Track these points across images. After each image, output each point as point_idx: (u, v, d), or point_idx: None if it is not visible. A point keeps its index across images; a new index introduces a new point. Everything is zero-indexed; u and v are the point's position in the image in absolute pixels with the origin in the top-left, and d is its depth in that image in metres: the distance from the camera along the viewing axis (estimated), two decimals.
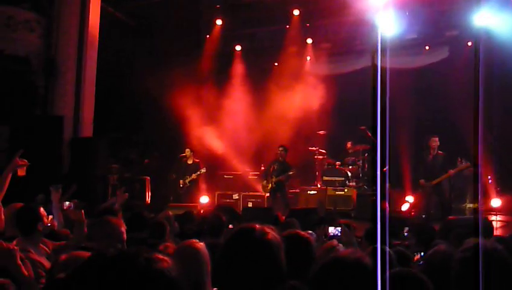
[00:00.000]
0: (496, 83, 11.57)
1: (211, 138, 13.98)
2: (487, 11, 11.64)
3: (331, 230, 5.66)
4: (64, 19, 11.18)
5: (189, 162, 12.89)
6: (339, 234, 5.31)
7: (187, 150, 12.93)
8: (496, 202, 11.45)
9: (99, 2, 11.73)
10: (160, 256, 1.55)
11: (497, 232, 8.49)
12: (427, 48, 14.03)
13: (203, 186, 13.19)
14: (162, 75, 12.84)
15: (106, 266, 1.53)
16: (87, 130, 11.23)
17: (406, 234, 6.10)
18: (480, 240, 2.45)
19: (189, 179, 12.61)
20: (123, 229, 3.96)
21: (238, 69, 15.19)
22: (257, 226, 2.25)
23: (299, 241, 3.09)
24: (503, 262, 2.40)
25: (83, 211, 4.53)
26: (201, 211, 11.45)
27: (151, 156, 14.34)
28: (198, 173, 12.67)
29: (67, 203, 5.61)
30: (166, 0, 13.01)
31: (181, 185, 12.67)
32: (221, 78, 14.73)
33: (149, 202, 12.58)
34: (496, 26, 11.42)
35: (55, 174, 10.22)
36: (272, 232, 2.24)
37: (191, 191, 12.71)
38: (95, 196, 10.05)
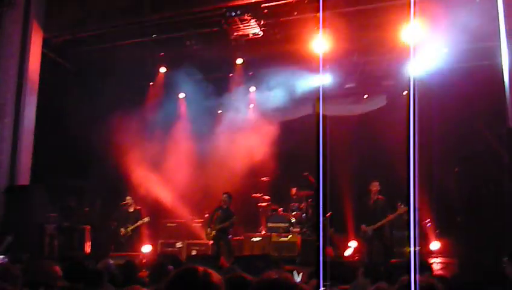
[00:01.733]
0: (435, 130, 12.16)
1: (154, 185, 13.78)
2: (420, 61, 12.30)
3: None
4: (3, 64, 10.91)
5: (131, 209, 12.60)
6: None
7: (128, 197, 12.67)
8: (435, 245, 11.78)
9: (40, 47, 11.55)
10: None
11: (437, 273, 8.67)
12: (365, 96, 14.56)
13: (145, 234, 12.88)
14: (104, 121, 12.67)
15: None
16: (24, 177, 10.82)
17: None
18: (416, 276, 2.51)
19: (131, 228, 12.30)
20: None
21: (182, 115, 15.20)
22: (200, 268, 2.22)
23: (243, 284, 3.05)
24: None
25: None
26: (144, 260, 11.16)
27: (92, 204, 13.94)
28: (141, 221, 12.38)
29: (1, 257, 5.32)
30: (111, 46, 12.96)
31: (122, 234, 12.32)
32: (164, 125, 14.66)
33: (89, 251, 12.14)
34: (429, 76, 12.05)
35: None
36: (215, 274, 2.22)
37: (133, 240, 12.38)
38: (31, 246, 9.62)
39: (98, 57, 13.74)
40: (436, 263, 10.98)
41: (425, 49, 11.84)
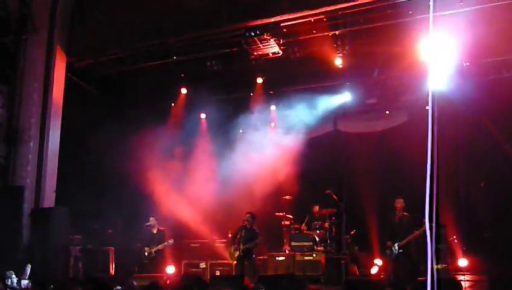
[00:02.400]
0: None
1: (176, 206, 13.81)
2: (441, 75, 12.21)
3: None
4: (27, 88, 11.15)
5: (154, 231, 12.61)
6: None
7: (151, 218, 12.68)
8: (463, 262, 11.55)
9: (64, 71, 11.78)
10: None
11: None
12: (387, 112, 14.46)
13: (169, 255, 12.86)
14: (127, 142, 12.80)
15: None
16: (49, 199, 10.96)
17: None
18: None
19: (155, 249, 12.29)
20: None
21: (203, 135, 15.27)
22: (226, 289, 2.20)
23: None
24: None
25: None
26: (168, 282, 11.13)
27: (114, 225, 14.00)
28: (166, 243, 12.37)
29: (25, 282, 5.36)
30: (132, 69, 13.14)
31: (146, 255, 12.32)
32: (186, 145, 14.74)
33: (113, 273, 12.17)
34: (450, 90, 11.96)
35: (13, 246, 9.89)
36: None
37: (157, 261, 12.36)
38: (56, 268, 9.70)
39: (120, 80, 13.94)
40: (465, 281, 10.76)
41: (445, 63, 11.76)
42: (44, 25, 11.55)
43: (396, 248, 10.81)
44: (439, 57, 11.06)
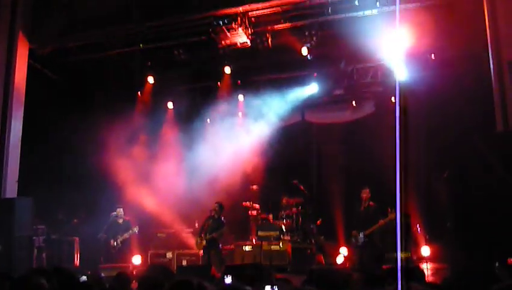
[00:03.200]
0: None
1: (143, 196, 13.69)
2: (407, 68, 12.41)
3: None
4: None
5: (120, 221, 12.51)
6: None
7: (118, 209, 12.57)
8: (425, 250, 11.80)
9: (26, 58, 11.48)
10: None
11: (428, 279, 8.68)
12: (353, 103, 14.60)
13: (135, 245, 12.76)
14: (92, 132, 12.59)
15: None
16: (11, 190, 10.71)
17: None
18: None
19: (120, 239, 12.20)
20: None
21: (171, 125, 15.14)
22: (194, 280, 2.19)
23: None
24: None
25: None
26: (134, 272, 11.05)
27: (79, 215, 13.79)
28: (130, 231, 12.30)
29: None
30: (98, 57, 12.89)
31: (113, 245, 12.21)
32: (153, 135, 14.61)
33: (78, 263, 12.01)
34: (416, 82, 12.17)
35: None
36: (209, 286, 2.19)
37: (123, 251, 12.27)
38: (19, 259, 9.51)
39: (85, 68, 13.67)
40: (428, 269, 11.01)
41: (411, 56, 11.94)
42: (6, 9, 11.21)
43: (362, 236, 10.96)
44: (405, 49, 11.26)
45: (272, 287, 5.35)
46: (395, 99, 13.80)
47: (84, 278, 4.88)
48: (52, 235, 12.30)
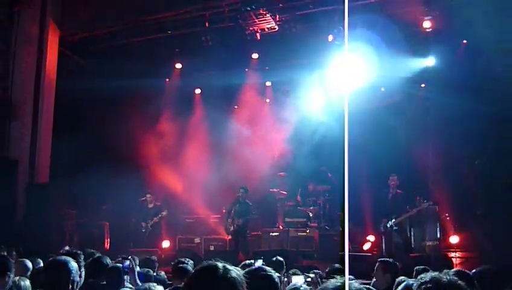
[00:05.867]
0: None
1: (171, 181, 13.83)
2: (437, 55, 12.22)
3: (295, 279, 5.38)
4: (21, 62, 11.01)
5: (150, 206, 12.70)
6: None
7: (148, 194, 12.75)
8: (454, 239, 11.67)
9: (57, 45, 11.65)
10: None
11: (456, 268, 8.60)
12: (382, 89, 14.39)
13: (164, 230, 12.95)
14: (122, 118, 12.73)
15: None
16: (43, 175, 10.93)
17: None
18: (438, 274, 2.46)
19: (151, 223, 12.41)
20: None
21: (198, 111, 15.21)
22: (219, 264, 2.21)
23: (264, 277, 3.03)
24: None
25: None
26: (163, 256, 11.22)
27: (109, 200, 13.98)
28: (160, 215, 12.50)
29: None
30: (126, 43, 12.99)
31: (143, 230, 12.44)
32: (180, 121, 14.68)
33: (108, 247, 12.24)
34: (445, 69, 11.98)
35: (8, 220, 9.90)
36: (234, 270, 2.21)
37: (153, 236, 12.48)
38: (50, 243, 9.72)
39: (113, 54, 13.79)
40: (456, 257, 10.89)
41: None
42: None
43: (391, 224, 10.89)
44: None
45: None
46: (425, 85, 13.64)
47: (127, 263, 4.97)
48: (82, 219, 12.54)
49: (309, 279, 4.85)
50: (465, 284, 2.46)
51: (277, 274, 3.37)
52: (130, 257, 5.14)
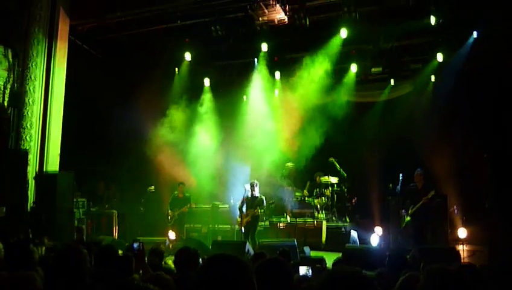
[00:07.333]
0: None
1: (180, 171, 13.88)
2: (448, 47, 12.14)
3: (303, 270, 5.45)
4: (31, 51, 11.03)
5: (181, 195, 13.02)
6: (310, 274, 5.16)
7: (180, 185, 13.07)
8: (462, 232, 11.64)
9: (67, 34, 11.66)
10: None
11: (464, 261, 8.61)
12: (392, 81, 14.33)
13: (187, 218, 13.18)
14: (131, 107, 12.77)
15: None
16: (53, 163, 10.99)
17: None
18: (446, 266, 2.47)
19: (178, 212, 12.74)
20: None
21: (207, 101, 15.20)
22: (231, 255, 2.22)
23: (276, 265, 3.04)
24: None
25: None
26: (170, 246, 11.30)
27: (118, 190, 14.07)
28: (188, 206, 12.80)
29: None
30: (136, 33, 12.99)
31: (169, 218, 12.78)
32: (189, 111, 14.70)
33: (117, 236, 12.34)
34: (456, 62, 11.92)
35: (18, 209, 9.98)
36: (246, 261, 2.22)
37: (178, 223, 12.89)
38: (61, 231, 9.82)
39: (124, 44, 13.82)
40: (464, 250, 10.88)
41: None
42: None
43: (406, 213, 10.81)
44: None
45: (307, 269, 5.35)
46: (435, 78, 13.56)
47: (136, 245, 5.05)
48: (92, 208, 12.66)
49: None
50: (473, 277, 2.47)
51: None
52: (140, 241, 5.22)
